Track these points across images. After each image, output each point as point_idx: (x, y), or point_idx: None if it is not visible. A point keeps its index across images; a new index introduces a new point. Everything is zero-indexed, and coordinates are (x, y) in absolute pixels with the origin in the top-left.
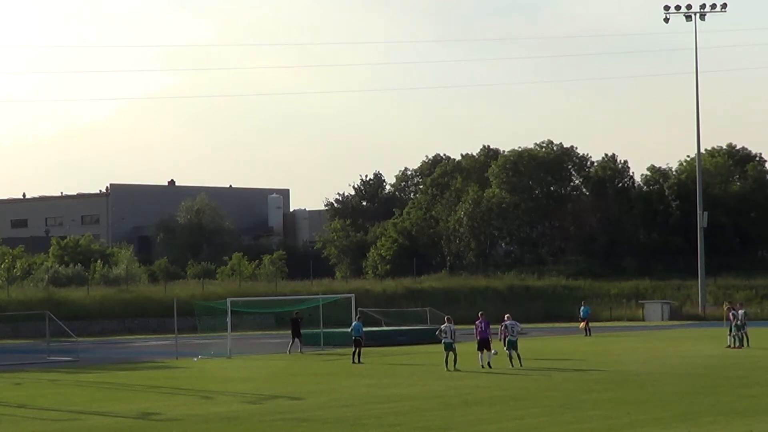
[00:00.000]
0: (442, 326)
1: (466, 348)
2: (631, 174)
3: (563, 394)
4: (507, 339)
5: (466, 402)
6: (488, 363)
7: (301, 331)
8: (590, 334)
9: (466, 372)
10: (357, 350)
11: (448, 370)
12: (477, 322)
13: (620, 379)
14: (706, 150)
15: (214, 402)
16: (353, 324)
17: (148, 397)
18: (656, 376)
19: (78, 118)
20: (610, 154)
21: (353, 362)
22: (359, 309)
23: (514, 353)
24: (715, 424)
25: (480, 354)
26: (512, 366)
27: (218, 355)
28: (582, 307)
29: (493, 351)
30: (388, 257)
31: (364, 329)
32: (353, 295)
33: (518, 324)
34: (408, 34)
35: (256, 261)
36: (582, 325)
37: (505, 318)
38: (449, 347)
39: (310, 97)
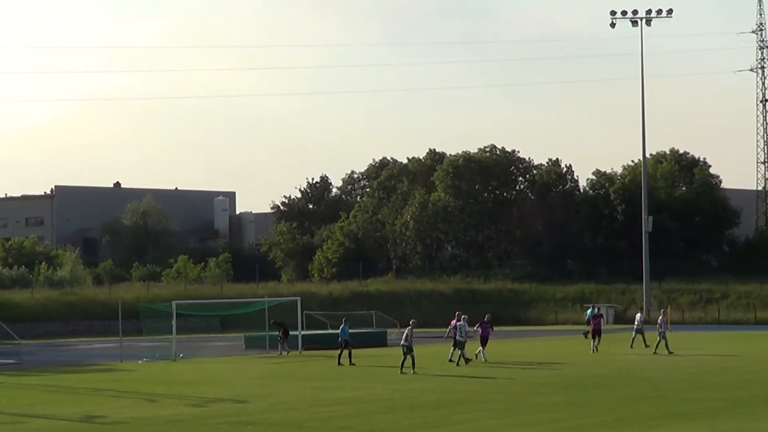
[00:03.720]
0: (406, 330)
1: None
2: (576, 178)
3: (509, 397)
4: (455, 339)
5: (413, 405)
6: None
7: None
8: (587, 337)
9: (414, 375)
10: (346, 352)
11: (403, 373)
12: (453, 322)
13: (566, 383)
14: (651, 155)
15: (159, 405)
16: (341, 327)
17: (92, 400)
18: (602, 379)
19: (22, 118)
20: (556, 158)
21: (350, 363)
22: (304, 312)
23: (457, 353)
24: (661, 428)
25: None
26: (458, 365)
27: (163, 358)
28: (589, 310)
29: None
30: (334, 260)
31: (310, 332)
32: (299, 298)
33: (467, 325)
34: (355, 36)
35: (202, 263)
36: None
37: (459, 318)
38: (410, 350)
39: (257, 100)
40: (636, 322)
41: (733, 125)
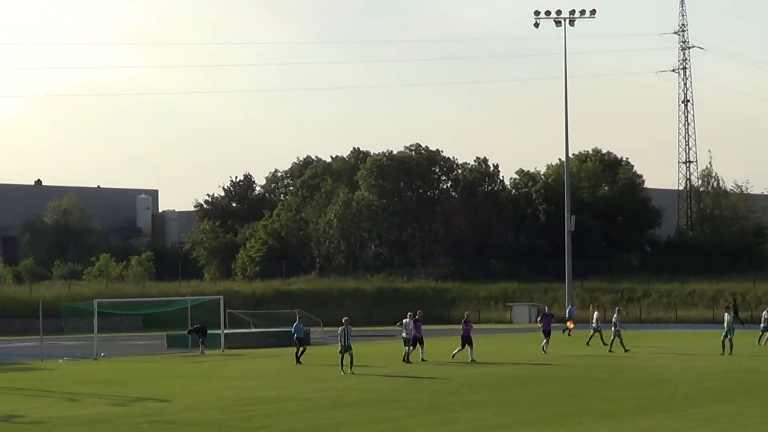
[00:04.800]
0: (339, 329)
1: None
2: (501, 178)
3: (431, 395)
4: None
5: (335, 404)
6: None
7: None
8: (569, 335)
9: (336, 375)
10: (302, 350)
11: (343, 372)
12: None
13: (488, 381)
14: (574, 154)
15: (80, 404)
16: (294, 325)
17: (12, 400)
18: (523, 378)
19: None
20: (483, 157)
21: (296, 362)
22: (227, 310)
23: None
24: (581, 426)
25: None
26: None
27: (84, 357)
28: (569, 307)
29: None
30: (257, 259)
31: (233, 331)
32: (222, 296)
33: (412, 323)
34: (279, 35)
35: (124, 262)
36: (570, 324)
37: (408, 316)
38: (347, 349)
39: (180, 97)
40: (594, 321)
41: (656, 125)
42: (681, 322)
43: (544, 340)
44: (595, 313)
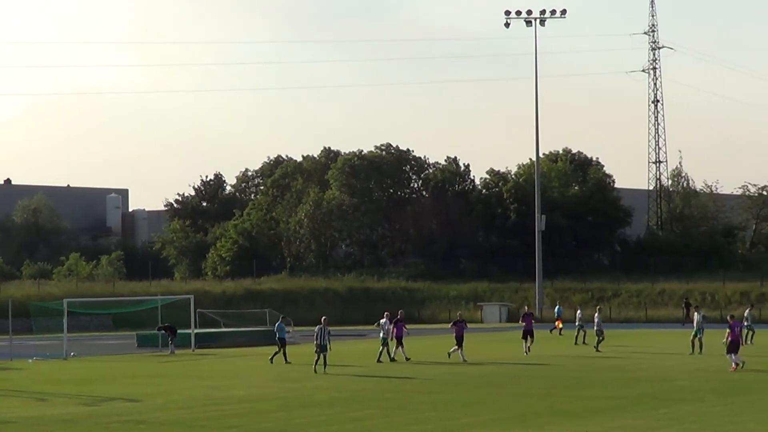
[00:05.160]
0: (316, 328)
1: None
2: (472, 177)
3: (402, 395)
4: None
5: (305, 404)
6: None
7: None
8: (560, 334)
9: (307, 374)
10: (282, 350)
11: (315, 372)
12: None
13: (458, 381)
14: (545, 154)
15: (50, 404)
16: (277, 324)
17: None
18: (495, 377)
19: None
20: (454, 156)
21: (271, 362)
22: (198, 310)
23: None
24: (551, 425)
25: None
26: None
27: (54, 357)
28: (557, 307)
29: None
30: (227, 258)
31: (203, 330)
32: (192, 296)
33: (389, 323)
34: (249, 34)
35: (94, 261)
36: (558, 324)
37: (385, 316)
38: (323, 349)
39: (151, 96)
40: (577, 320)
41: (626, 125)
42: (651, 321)
43: (525, 341)
44: (578, 311)
